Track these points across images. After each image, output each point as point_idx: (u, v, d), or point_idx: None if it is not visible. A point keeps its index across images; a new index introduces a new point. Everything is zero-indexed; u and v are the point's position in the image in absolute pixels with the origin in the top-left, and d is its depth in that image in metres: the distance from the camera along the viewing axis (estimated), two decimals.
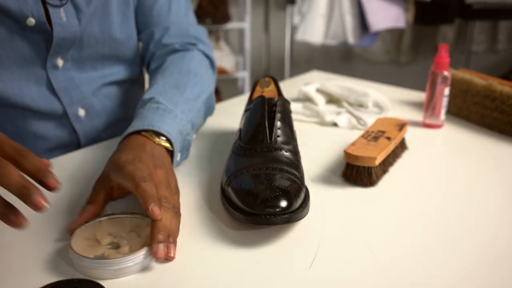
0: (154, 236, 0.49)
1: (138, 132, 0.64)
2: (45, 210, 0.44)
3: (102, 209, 0.58)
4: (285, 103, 0.69)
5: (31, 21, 0.69)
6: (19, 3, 0.67)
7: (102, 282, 0.46)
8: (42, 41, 0.72)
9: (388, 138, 0.70)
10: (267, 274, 0.48)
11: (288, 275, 0.48)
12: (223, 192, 0.60)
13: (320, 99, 0.97)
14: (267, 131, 0.64)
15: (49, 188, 0.46)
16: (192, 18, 0.92)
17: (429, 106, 0.87)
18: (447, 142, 0.84)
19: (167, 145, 0.65)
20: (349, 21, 2.35)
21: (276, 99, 0.68)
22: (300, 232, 0.56)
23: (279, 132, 0.64)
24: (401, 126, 0.75)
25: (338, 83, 1.00)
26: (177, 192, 0.60)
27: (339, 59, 3.10)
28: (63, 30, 0.73)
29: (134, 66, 0.89)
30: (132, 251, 0.49)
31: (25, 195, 0.43)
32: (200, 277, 0.48)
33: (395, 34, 2.97)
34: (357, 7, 2.33)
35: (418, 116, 0.93)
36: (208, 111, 0.83)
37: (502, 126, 0.84)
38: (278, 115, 0.66)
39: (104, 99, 0.85)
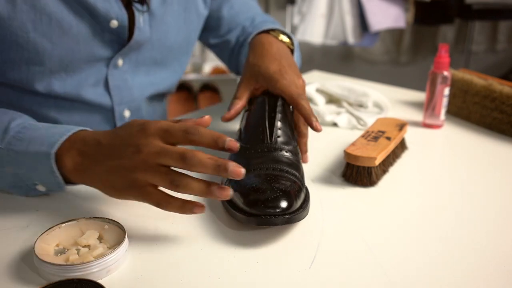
0: (309, 120, 0.66)
1: (266, 32, 0.80)
2: (243, 174, 0.49)
3: (245, 105, 0.72)
4: (286, 103, 0.69)
5: (114, 23, 0.74)
6: (106, 5, 0.72)
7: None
8: (115, 42, 0.77)
9: (388, 138, 0.70)
10: (267, 274, 0.48)
11: (288, 275, 0.48)
12: None
13: (320, 99, 0.97)
14: (268, 131, 0.64)
15: (231, 150, 0.51)
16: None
17: (429, 106, 0.87)
18: (447, 142, 0.84)
19: (288, 41, 0.80)
20: (349, 21, 2.35)
21: (276, 99, 0.68)
22: (300, 232, 0.56)
23: (279, 132, 0.64)
24: (401, 126, 0.75)
25: (338, 83, 1.00)
26: (304, 89, 0.74)
27: (339, 59, 3.09)
28: (140, 34, 0.78)
29: (177, 78, 0.94)
30: (97, 256, 0.48)
31: (223, 170, 0.49)
32: (200, 277, 0.48)
33: (395, 34, 2.97)
34: (357, 7, 2.33)
35: (418, 116, 0.93)
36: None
37: (502, 126, 0.84)
38: (278, 116, 0.66)
39: (149, 106, 0.91)
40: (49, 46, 0.71)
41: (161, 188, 0.53)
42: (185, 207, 0.51)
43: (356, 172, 0.66)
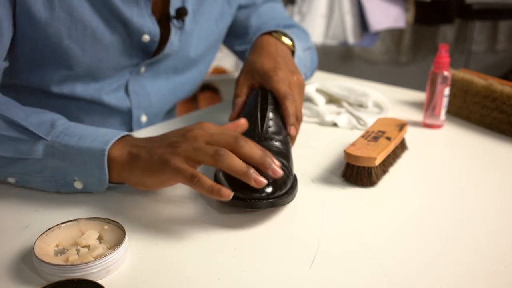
0: (287, 121, 0.69)
1: (269, 33, 0.82)
2: (264, 185, 0.54)
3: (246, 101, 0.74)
4: None
5: (146, 38, 0.77)
6: (141, 20, 0.75)
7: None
8: (142, 53, 0.80)
9: (388, 138, 0.70)
10: (267, 274, 0.48)
11: (288, 275, 0.48)
12: (215, 178, 0.62)
13: (320, 99, 0.97)
14: (259, 121, 0.67)
15: (268, 172, 0.55)
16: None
17: (429, 106, 0.87)
18: (447, 142, 0.84)
19: (290, 43, 0.82)
20: (349, 21, 2.34)
21: (269, 92, 0.72)
22: (300, 232, 0.56)
23: (270, 123, 0.67)
24: (401, 126, 0.75)
25: (338, 83, 1.00)
26: (302, 86, 0.76)
27: (339, 59, 3.09)
28: (170, 48, 0.81)
29: (195, 85, 0.96)
30: (97, 256, 0.48)
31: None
32: (199, 277, 0.48)
33: (395, 34, 2.97)
34: (357, 7, 2.33)
35: (418, 116, 0.93)
36: (314, 61, 1.00)
37: (502, 126, 0.84)
38: (270, 107, 0.69)
39: (166, 113, 0.93)
40: (80, 53, 0.73)
41: None
42: (214, 189, 0.53)
43: (356, 172, 0.66)
